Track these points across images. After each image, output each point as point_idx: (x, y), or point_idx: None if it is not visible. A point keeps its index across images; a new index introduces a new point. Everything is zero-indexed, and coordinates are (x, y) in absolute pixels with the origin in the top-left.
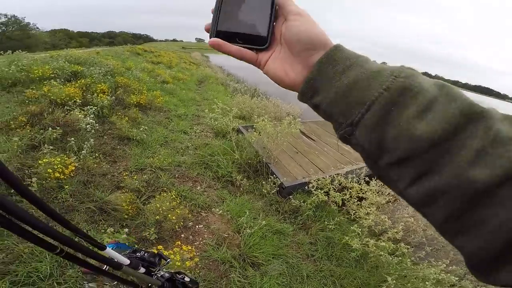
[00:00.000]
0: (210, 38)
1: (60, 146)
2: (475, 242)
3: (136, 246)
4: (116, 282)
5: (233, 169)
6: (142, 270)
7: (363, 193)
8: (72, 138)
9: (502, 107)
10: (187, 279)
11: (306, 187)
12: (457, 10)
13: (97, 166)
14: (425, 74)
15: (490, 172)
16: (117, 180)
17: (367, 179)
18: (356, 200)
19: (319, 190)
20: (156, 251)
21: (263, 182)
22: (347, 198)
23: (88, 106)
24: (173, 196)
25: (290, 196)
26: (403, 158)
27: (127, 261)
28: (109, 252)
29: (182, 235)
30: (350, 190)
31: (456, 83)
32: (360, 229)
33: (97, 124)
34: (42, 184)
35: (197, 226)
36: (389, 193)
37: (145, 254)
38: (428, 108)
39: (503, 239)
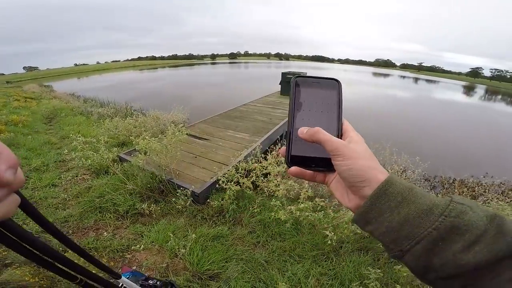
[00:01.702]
0: (286, 164)
1: None
2: None
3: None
4: None
5: (134, 200)
6: None
7: (265, 169)
8: None
9: (331, 67)
10: None
11: (217, 185)
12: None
13: None
14: (287, 54)
15: None
16: None
17: (263, 155)
18: (263, 178)
19: (230, 183)
20: (168, 280)
21: (173, 199)
22: (255, 179)
23: None
24: None
25: (208, 200)
26: (448, 277)
27: None
28: (124, 280)
29: None
30: (254, 171)
31: (300, 56)
32: (279, 201)
33: None
34: None
35: None
36: None
37: (158, 283)
38: (475, 242)
39: None
